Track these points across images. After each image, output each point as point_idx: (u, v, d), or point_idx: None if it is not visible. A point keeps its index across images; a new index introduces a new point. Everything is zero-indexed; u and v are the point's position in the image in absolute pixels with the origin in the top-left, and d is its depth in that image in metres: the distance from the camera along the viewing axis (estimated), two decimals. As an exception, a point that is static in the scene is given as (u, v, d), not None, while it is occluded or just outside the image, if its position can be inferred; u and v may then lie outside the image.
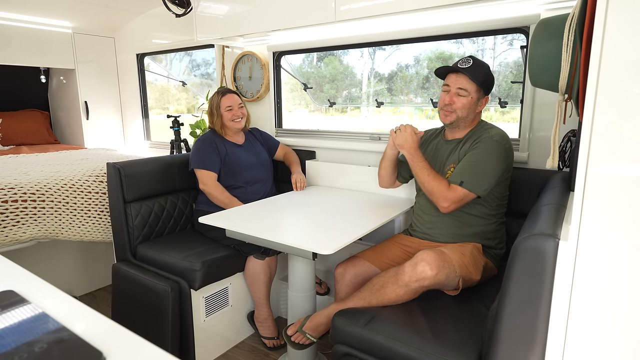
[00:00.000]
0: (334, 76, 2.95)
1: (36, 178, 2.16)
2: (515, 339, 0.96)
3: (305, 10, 2.00)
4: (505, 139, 1.56)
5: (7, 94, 3.70)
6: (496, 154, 1.52)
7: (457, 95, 1.57)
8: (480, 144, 1.54)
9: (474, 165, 1.52)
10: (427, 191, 1.56)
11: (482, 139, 1.55)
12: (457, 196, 1.51)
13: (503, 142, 1.54)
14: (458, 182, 1.52)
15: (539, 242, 0.90)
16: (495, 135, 1.55)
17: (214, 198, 2.13)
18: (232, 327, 2.09)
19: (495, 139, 1.53)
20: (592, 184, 0.82)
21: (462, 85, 1.56)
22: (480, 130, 1.62)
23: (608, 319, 0.85)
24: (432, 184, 1.54)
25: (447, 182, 1.54)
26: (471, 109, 1.59)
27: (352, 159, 2.41)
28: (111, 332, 0.55)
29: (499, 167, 1.52)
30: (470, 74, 1.54)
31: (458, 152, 1.63)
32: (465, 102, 1.56)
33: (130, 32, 3.56)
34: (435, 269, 1.36)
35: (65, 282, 2.56)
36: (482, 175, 1.51)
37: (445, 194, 1.52)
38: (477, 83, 1.55)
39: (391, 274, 1.45)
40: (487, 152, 1.52)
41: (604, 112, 0.79)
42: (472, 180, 1.50)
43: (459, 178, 1.52)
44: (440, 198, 1.52)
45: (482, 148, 1.53)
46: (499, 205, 1.63)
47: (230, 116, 2.20)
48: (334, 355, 1.42)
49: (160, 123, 3.65)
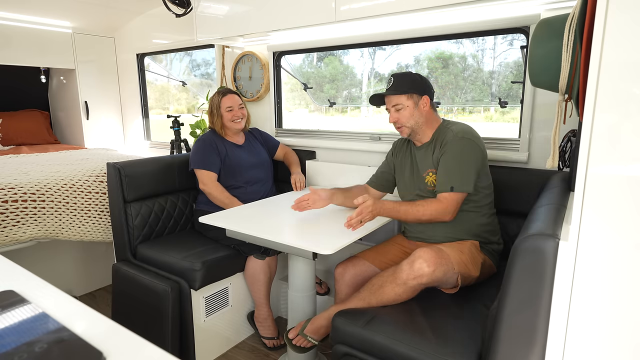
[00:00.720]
0: (334, 76, 2.96)
1: (36, 178, 2.16)
2: (515, 339, 0.96)
3: (306, 10, 2.00)
4: (469, 132, 1.60)
5: (7, 94, 3.70)
6: (467, 148, 1.57)
7: (395, 112, 1.66)
8: (449, 145, 1.58)
9: (454, 167, 1.56)
10: (428, 221, 1.58)
11: (448, 139, 1.59)
12: (454, 203, 1.54)
13: (468, 135, 1.58)
14: (448, 189, 1.54)
15: (539, 242, 0.90)
16: (459, 132, 1.59)
17: (214, 198, 2.13)
18: (232, 327, 2.09)
19: (460, 136, 1.58)
20: (592, 184, 0.82)
21: (394, 103, 1.66)
22: (444, 130, 1.66)
23: (608, 319, 0.85)
24: (424, 213, 1.55)
25: (431, 200, 1.57)
26: (416, 115, 1.65)
27: (352, 159, 2.41)
28: (111, 332, 0.55)
29: (474, 159, 1.57)
30: (393, 90, 1.64)
31: (431, 156, 1.66)
32: (406, 113, 1.64)
33: (131, 32, 3.56)
34: (432, 266, 1.36)
35: (65, 282, 2.56)
36: (465, 173, 1.54)
37: (443, 209, 1.54)
38: (402, 93, 1.64)
39: (389, 273, 1.45)
40: (458, 150, 1.56)
41: (604, 113, 0.79)
42: (458, 181, 1.54)
43: (447, 184, 1.55)
44: (441, 215, 1.54)
45: (453, 148, 1.57)
46: (485, 195, 1.64)
47: (231, 117, 2.20)
48: (334, 356, 1.42)
49: (160, 123, 3.65)
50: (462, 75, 2.40)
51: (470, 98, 2.43)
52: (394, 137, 2.28)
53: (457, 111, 2.66)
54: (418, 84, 1.65)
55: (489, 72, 2.29)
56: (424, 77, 1.69)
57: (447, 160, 1.57)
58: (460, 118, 2.67)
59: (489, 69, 2.29)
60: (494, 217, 1.70)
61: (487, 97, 2.35)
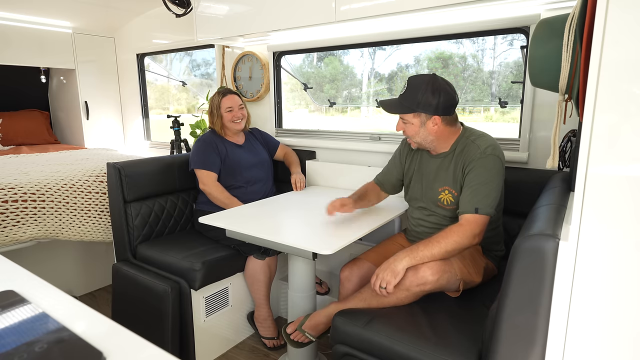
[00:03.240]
0: (334, 76, 2.96)
1: (36, 178, 2.16)
2: (515, 339, 0.96)
3: (306, 10, 2.00)
4: (497, 148, 1.48)
5: (7, 94, 3.70)
6: (496, 169, 1.45)
7: (404, 124, 1.55)
8: (478, 163, 1.45)
9: (481, 188, 1.43)
10: (455, 250, 1.40)
11: (478, 155, 1.46)
12: (479, 225, 1.41)
13: (496, 152, 1.47)
14: (473, 210, 1.41)
15: (539, 242, 0.90)
16: (487, 148, 1.46)
17: (214, 198, 2.13)
18: (232, 327, 2.09)
19: (489, 152, 1.45)
20: (592, 184, 0.82)
21: (402, 116, 1.54)
22: (466, 142, 1.52)
23: (608, 319, 0.85)
24: (450, 245, 1.38)
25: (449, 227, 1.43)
26: (422, 133, 1.52)
27: (352, 159, 2.41)
28: (111, 332, 0.55)
29: (500, 180, 1.47)
30: (398, 106, 1.51)
31: (452, 171, 1.54)
32: (412, 129, 1.52)
33: (131, 32, 3.56)
34: (436, 274, 1.35)
35: (65, 282, 2.56)
36: (491, 195, 1.43)
37: (470, 232, 1.39)
38: (407, 112, 1.50)
39: None
40: (488, 170, 1.44)
41: (604, 113, 0.79)
42: (484, 203, 1.42)
43: (473, 205, 1.42)
44: (468, 240, 1.39)
45: (482, 167, 1.44)
46: (497, 211, 1.61)
47: (231, 117, 2.20)
48: (334, 355, 1.42)
49: (160, 123, 3.66)
50: (462, 75, 2.40)
51: (470, 98, 2.43)
52: (394, 137, 2.28)
53: (457, 111, 2.66)
54: (429, 102, 1.46)
55: (489, 72, 2.29)
56: (444, 86, 1.48)
57: (474, 178, 1.44)
58: (460, 118, 2.67)
59: (489, 69, 2.29)
60: (499, 228, 1.66)
61: (487, 97, 2.35)
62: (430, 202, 1.61)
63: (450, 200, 1.54)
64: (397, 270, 1.37)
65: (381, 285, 1.39)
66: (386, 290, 1.39)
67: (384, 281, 1.38)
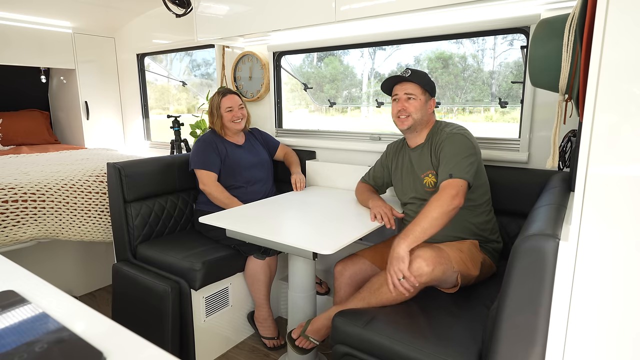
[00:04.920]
0: (334, 76, 2.96)
1: (36, 178, 2.16)
2: (515, 339, 0.96)
3: (306, 10, 2.00)
4: (463, 129, 1.64)
5: (7, 94, 3.70)
6: (462, 143, 1.58)
7: (407, 100, 1.66)
8: (446, 142, 1.60)
9: (452, 158, 1.55)
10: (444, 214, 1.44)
11: (444, 137, 1.62)
12: (455, 186, 1.48)
13: (462, 131, 1.62)
14: (447, 176, 1.52)
15: (539, 242, 0.90)
16: (454, 129, 1.63)
17: (214, 198, 2.13)
18: (232, 327, 2.09)
19: (455, 131, 1.61)
20: (592, 184, 0.82)
21: (408, 91, 1.65)
22: (438, 130, 1.68)
23: (608, 319, 0.85)
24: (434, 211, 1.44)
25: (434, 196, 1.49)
26: (423, 111, 1.67)
27: (352, 159, 2.41)
28: (111, 332, 0.55)
29: (469, 152, 1.56)
30: (415, 78, 1.65)
31: (429, 157, 1.67)
32: (417, 104, 1.65)
33: (131, 32, 3.56)
34: (431, 265, 1.36)
35: (65, 282, 2.56)
36: (462, 164, 1.53)
37: (449, 195, 1.46)
38: (421, 86, 1.65)
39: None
40: (455, 144, 1.58)
41: (604, 113, 0.79)
42: (456, 170, 1.52)
43: (446, 172, 1.53)
44: (449, 201, 1.45)
45: (449, 143, 1.59)
46: (482, 194, 1.64)
47: (231, 117, 2.20)
48: (334, 356, 1.42)
49: (160, 123, 3.66)
50: (462, 75, 2.40)
51: (470, 98, 2.43)
52: (394, 137, 2.28)
53: (457, 111, 2.66)
54: (432, 85, 1.69)
55: (489, 72, 2.29)
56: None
57: (445, 153, 1.58)
58: (460, 118, 2.67)
59: (489, 69, 2.29)
60: (491, 215, 1.70)
61: (487, 97, 2.35)
62: (420, 189, 1.70)
63: (433, 182, 1.66)
64: (401, 255, 1.39)
65: (398, 277, 1.38)
66: (404, 279, 1.37)
67: (398, 272, 1.38)
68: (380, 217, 1.66)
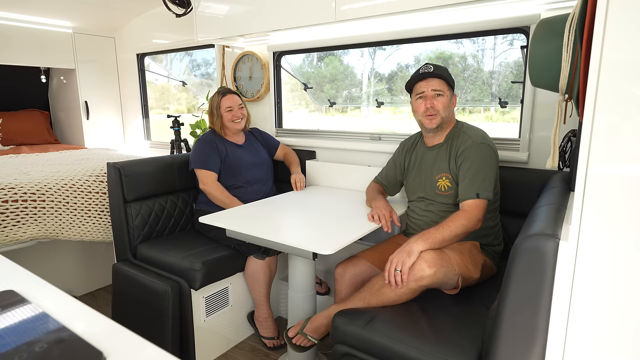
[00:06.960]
0: (334, 76, 2.96)
1: (36, 178, 2.16)
2: (515, 339, 0.96)
3: (306, 10, 2.00)
4: (488, 138, 1.60)
5: (7, 94, 3.70)
6: (488, 156, 1.56)
7: (434, 97, 1.60)
8: (471, 152, 1.56)
9: (478, 175, 1.53)
10: (463, 234, 1.47)
11: (467, 146, 1.57)
12: (480, 210, 1.50)
13: (487, 141, 1.58)
14: (474, 196, 1.50)
15: (539, 242, 0.90)
16: (478, 137, 1.58)
17: (214, 198, 2.13)
18: (232, 327, 2.09)
19: (480, 142, 1.57)
20: (592, 184, 0.82)
21: (437, 87, 1.60)
22: (459, 132, 1.63)
23: (608, 319, 0.85)
24: (458, 228, 1.45)
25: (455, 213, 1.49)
26: (450, 108, 1.63)
27: (352, 159, 2.41)
28: (111, 332, 0.55)
29: (494, 167, 1.57)
30: (439, 75, 1.59)
31: (447, 160, 1.63)
32: (445, 101, 1.60)
33: (131, 32, 3.56)
34: (433, 267, 1.36)
35: (65, 282, 2.56)
36: (487, 180, 1.52)
37: (473, 217, 1.47)
38: (447, 82, 1.61)
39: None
40: (481, 157, 1.54)
41: (604, 113, 0.79)
42: (483, 188, 1.51)
43: (473, 191, 1.51)
44: (472, 224, 1.47)
45: (475, 155, 1.55)
46: (494, 201, 1.64)
47: (230, 117, 2.20)
48: (334, 355, 1.42)
49: (160, 123, 3.66)
50: (462, 75, 2.40)
51: (470, 98, 2.43)
52: (393, 137, 2.28)
53: (457, 111, 2.66)
54: (453, 81, 1.65)
55: (489, 72, 2.29)
56: None
57: (470, 166, 1.54)
58: (460, 118, 2.67)
59: (489, 69, 2.29)
60: (497, 220, 1.70)
61: (487, 97, 2.35)
62: (429, 191, 1.68)
63: (447, 186, 1.62)
64: (412, 251, 1.39)
65: (396, 268, 1.38)
66: (401, 273, 1.37)
67: (400, 262, 1.38)
68: (378, 219, 1.66)
